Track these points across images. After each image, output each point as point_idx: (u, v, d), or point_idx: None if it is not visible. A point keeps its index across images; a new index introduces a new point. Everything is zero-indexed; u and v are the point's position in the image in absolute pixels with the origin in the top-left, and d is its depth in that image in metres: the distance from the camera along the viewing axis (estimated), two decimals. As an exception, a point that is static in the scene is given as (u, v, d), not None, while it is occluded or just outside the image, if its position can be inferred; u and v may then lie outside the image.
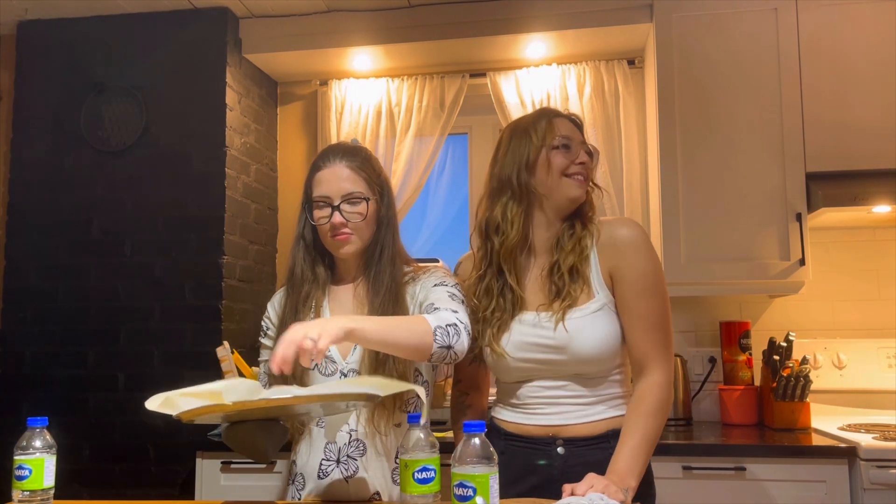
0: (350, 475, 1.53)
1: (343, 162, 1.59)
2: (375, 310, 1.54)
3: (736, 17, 2.69)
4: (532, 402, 1.59)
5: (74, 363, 2.88)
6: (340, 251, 1.59)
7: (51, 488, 1.36)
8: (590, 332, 1.51)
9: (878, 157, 2.54)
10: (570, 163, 1.58)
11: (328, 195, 1.57)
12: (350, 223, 1.56)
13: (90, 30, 3.04)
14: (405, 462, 1.23)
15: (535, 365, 1.56)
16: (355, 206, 1.57)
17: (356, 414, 1.55)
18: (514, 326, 1.57)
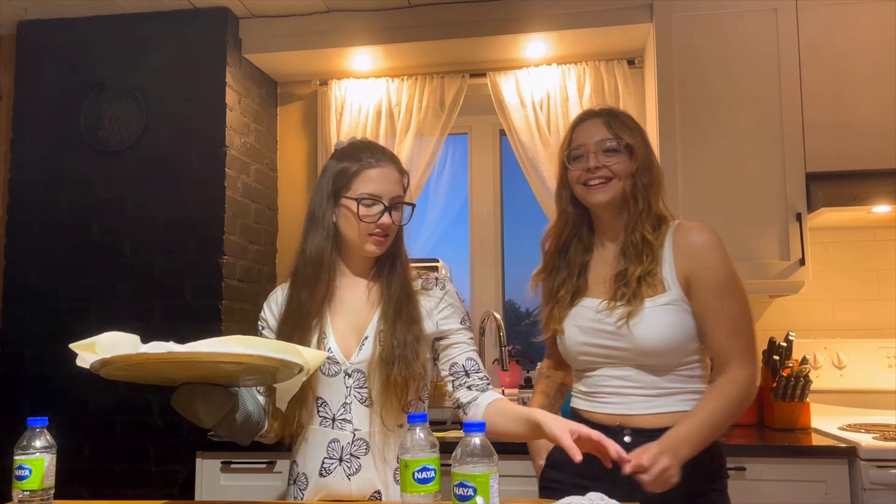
0: (352, 473, 1.53)
1: (392, 166, 1.61)
2: (396, 308, 1.57)
3: (736, 17, 2.69)
4: (599, 390, 1.63)
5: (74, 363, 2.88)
6: (374, 249, 1.59)
7: (51, 488, 1.36)
8: (653, 323, 1.54)
9: (878, 157, 2.54)
10: (581, 172, 1.61)
11: (379, 195, 1.57)
12: (392, 226, 1.59)
13: (90, 30, 3.04)
14: (405, 462, 1.23)
15: (598, 349, 1.60)
16: (398, 210, 1.60)
17: (359, 413, 1.55)
18: (578, 311, 1.64)
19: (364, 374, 1.56)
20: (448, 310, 1.62)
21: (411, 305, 1.58)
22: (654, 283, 1.56)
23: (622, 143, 1.60)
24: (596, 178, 1.60)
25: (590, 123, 1.65)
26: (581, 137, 1.65)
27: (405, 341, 1.53)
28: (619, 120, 1.64)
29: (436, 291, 1.63)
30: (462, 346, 1.61)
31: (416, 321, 1.57)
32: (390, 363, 1.52)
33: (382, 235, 1.58)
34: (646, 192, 1.60)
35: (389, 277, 1.61)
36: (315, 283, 1.59)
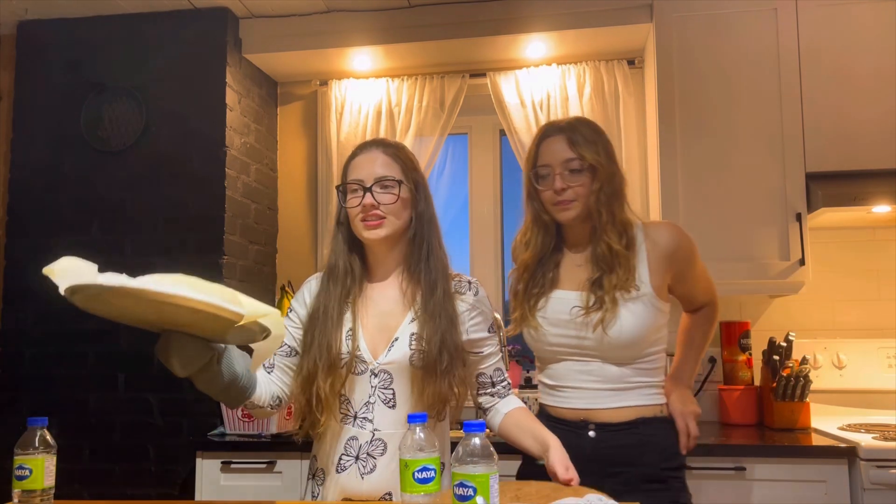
0: (367, 473, 1.53)
1: (379, 149, 1.61)
2: (433, 312, 1.54)
3: (736, 17, 2.69)
4: (563, 383, 1.73)
5: (74, 363, 2.89)
6: (369, 235, 1.56)
7: (51, 488, 1.36)
8: (624, 321, 1.64)
9: (877, 157, 2.54)
10: (551, 193, 1.71)
11: (361, 178, 1.57)
12: (382, 206, 1.55)
13: (90, 30, 3.04)
14: (405, 462, 1.23)
15: (568, 340, 1.70)
16: (388, 189, 1.56)
17: (381, 414, 1.54)
18: (551, 303, 1.73)
19: (390, 376, 1.55)
20: (479, 317, 1.62)
21: (450, 308, 1.56)
22: (626, 286, 1.66)
23: (585, 163, 1.68)
24: (562, 202, 1.70)
25: (554, 140, 1.73)
26: (546, 157, 1.72)
27: (445, 351, 1.52)
28: (581, 136, 1.71)
29: (468, 296, 1.62)
30: (491, 358, 1.65)
31: (454, 326, 1.55)
32: (429, 371, 1.51)
33: (371, 218, 1.55)
34: (609, 204, 1.69)
35: (422, 273, 1.57)
36: (336, 282, 1.60)
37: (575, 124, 1.75)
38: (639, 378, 1.70)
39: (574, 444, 1.60)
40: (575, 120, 1.79)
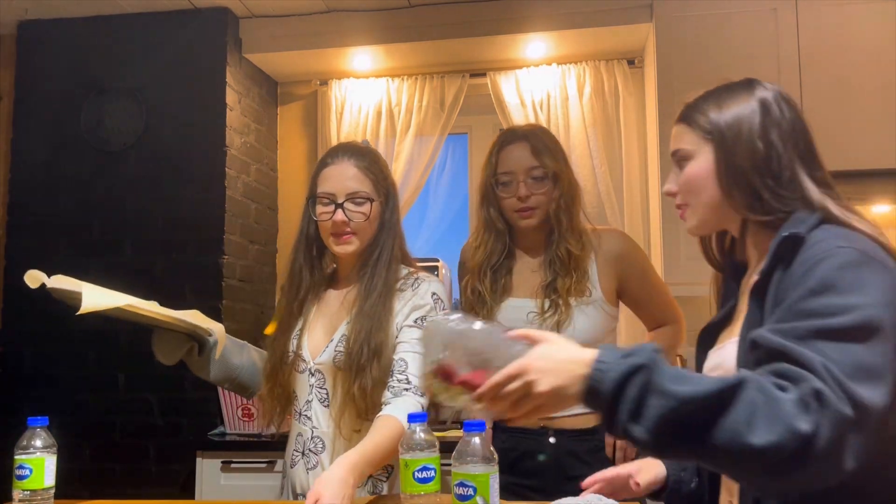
0: (311, 468, 1.57)
1: (351, 160, 1.59)
2: (364, 313, 1.53)
3: (736, 17, 2.69)
4: None
5: (74, 363, 2.88)
6: (339, 250, 1.59)
7: (51, 488, 1.37)
8: (579, 324, 1.67)
9: (878, 157, 2.54)
10: (514, 200, 1.74)
11: (333, 192, 1.57)
12: (352, 223, 1.56)
13: (90, 30, 3.04)
14: (405, 461, 1.23)
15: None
16: (359, 206, 1.56)
17: (318, 412, 1.57)
18: (505, 311, 1.75)
19: (324, 376, 1.58)
20: (407, 309, 1.56)
21: (386, 302, 1.54)
22: (580, 290, 1.70)
23: (548, 171, 1.73)
24: (524, 209, 1.73)
25: (515, 147, 1.76)
26: (509, 163, 1.75)
27: (365, 350, 1.50)
28: (543, 144, 1.75)
29: (407, 293, 1.57)
30: (402, 346, 1.53)
31: (381, 328, 1.52)
32: (348, 371, 1.51)
33: (342, 234, 1.56)
34: (568, 210, 1.74)
35: (369, 276, 1.57)
36: (296, 286, 1.64)
37: (536, 131, 1.80)
38: None
39: (533, 451, 1.65)
40: (535, 127, 1.88)
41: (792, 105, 1.17)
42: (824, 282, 0.95)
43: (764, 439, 0.84)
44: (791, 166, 1.12)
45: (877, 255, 0.99)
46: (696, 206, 1.18)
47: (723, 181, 1.13)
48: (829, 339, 0.90)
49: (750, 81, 1.19)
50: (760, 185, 1.10)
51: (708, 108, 1.17)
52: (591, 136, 3.01)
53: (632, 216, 3.01)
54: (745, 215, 1.15)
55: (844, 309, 0.92)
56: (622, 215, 3.01)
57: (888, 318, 0.93)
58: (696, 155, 1.16)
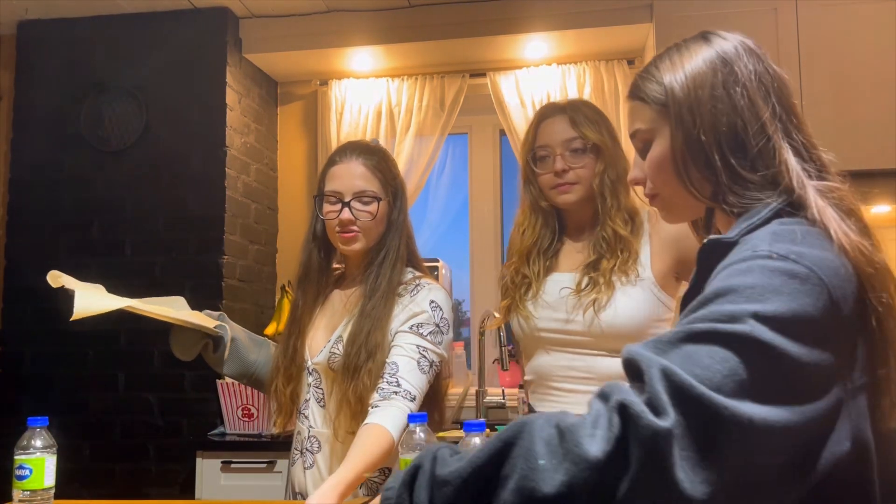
0: (308, 467, 1.58)
1: (360, 159, 1.58)
2: (365, 314, 1.53)
3: (736, 17, 2.69)
4: (548, 382, 1.60)
5: (74, 363, 2.88)
6: (345, 248, 1.59)
7: (51, 488, 1.36)
8: (619, 305, 1.52)
9: (878, 157, 2.53)
10: (550, 176, 1.60)
11: (340, 190, 1.56)
12: (359, 221, 1.55)
13: (90, 30, 3.04)
14: (405, 462, 1.23)
15: (557, 325, 1.57)
16: (366, 205, 1.56)
17: (314, 411, 1.59)
18: (545, 286, 1.60)
19: (320, 376, 1.59)
20: (404, 315, 1.54)
21: (382, 309, 1.53)
22: (626, 271, 1.54)
23: (588, 142, 1.58)
24: (562, 184, 1.59)
25: (554, 120, 1.62)
26: (545, 136, 1.62)
27: (362, 352, 1.50)
28: (583, 115, 1.60)
29: (405, 299, 1.56)
30: (394, 350, 1.51)
31: (379, 328, 1.51)
32: (345, 373, 1.51)
33: (347, 232, 1.56)
34: (614, 188, 1.58)
35: (374, 276, 1.57)
36: (307, 285, 1.64)
37: (576, 103, 1.65)
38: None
39: None
40: (575, 99, 1.71)
41: (760, 56, 0.97)
42: (722, 287, 0.77)
43: (553, 483, 0.66)
44: (764, 133, 0.91)
45: (803, 258, 0.78)
46: (665, 195, 1.01)
47: (679, 163, 0.94)
48: (697, 341, 0.73)
49: (705, 34, 1.00)
50: (718, 165, 0.91)
51: (659, 73, 0.97)
52: (591, 136, 3.01)
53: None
54: (709, 204, 0.97)
55: (733, 317, 0.73)
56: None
57: (793, 346, 0.72)
58: (657, 134, 0.97)
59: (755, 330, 0.72)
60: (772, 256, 0.78)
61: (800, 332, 0.73)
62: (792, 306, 0.74)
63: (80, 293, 1.37)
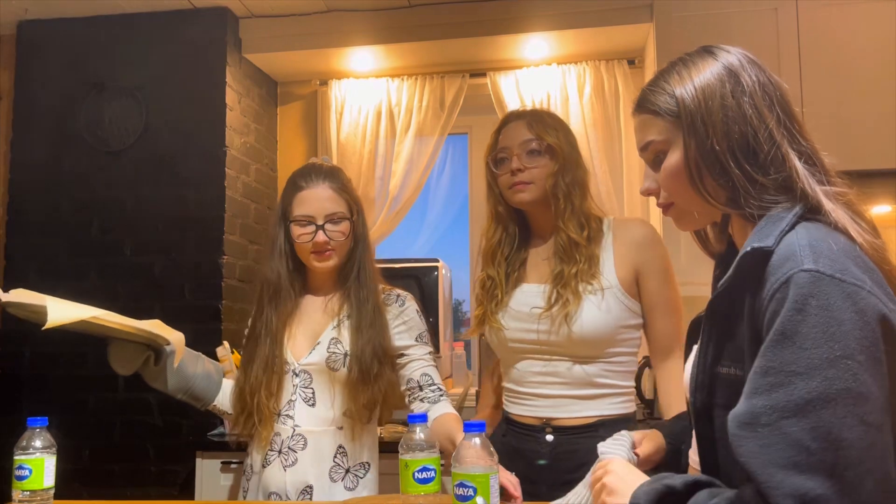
0: (288, 465, 1.62)
1: (325, 183, 1.69)
2: (368, 325, 1.65)
3: (736, 17, 2.69)
4: (525, 388, 1.65)
5: (74, 363, 2.88)
6: (319, 266, 1.69)
7: (51, 488, 1.36)
8: (586, 313, 1.57)
9: (878, 157, 2.54)
10: (507, 175, 1.66)
11: (312, 215, 1.66)
12: (332, 241, 1.67)
13: (90, 30, 3.04)
14: (405, 462, 1.23)
15: (529, 335, 1.63)
16: (337, 225, 1.68)
17: (301, 411, 1.64)
18: (515, 297, 1.67)
19: (310, 376, 1.66)
20: (402, 327, 1.70)
21: (381, 319, 1.67)
22: (590, 279, 1.59)
23: (543, 143, 1.64)
24: (518, 183, 1.64)
25: (513, 125, 1.69)
26: (505, 140, 1.69)
27: (376, 362, 1.63)
28: (541, 121, 1.68)
29: (393, 308, 1.71)
30: (417, 363, 1.69)
31: (385, 336, 1.67)
32: (362, 380, 1.61)
33: (323, 252, 1.67)
34: (568, 191, 1.63)
35: (356, 289, 1.69)
36: (278, 302, 1.70)
37: (538, 111, 1.74)
38: (606, 380, 1.61)
39: (531, 450, 1.59)
40: (538, 109, 1.80)
41: (762, 67, 1.02)
42: (784, 328, 0.84)
43: None
44: (771, 139, 0.96)
45: (844, 272, 0.86)
46: (681, 204, 1.05)
47: (694, 172, 0.99)
48: (800, 415, 0.81)
49: (707, 48, 1.05)
50: (734, 172, 0.96)
51: (668, 85, 1.02)
52: (591, 136, 3.01)
53: (631, 216, 3.01)
54: (724, 210, 1.02)
55: (804, 372, 0.82)
56: (622, 215, 3.01)
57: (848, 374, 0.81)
58: (671, 145, 1.02)
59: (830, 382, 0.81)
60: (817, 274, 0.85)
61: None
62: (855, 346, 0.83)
63: (52, 303, 1.35)
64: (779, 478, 0.79)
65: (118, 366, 1.58)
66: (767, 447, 0.81)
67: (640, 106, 1.07)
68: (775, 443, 0.81)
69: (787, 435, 0.80)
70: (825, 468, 0.78)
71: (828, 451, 0.79)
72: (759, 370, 0.85)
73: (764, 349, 0.86)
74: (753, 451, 0.82)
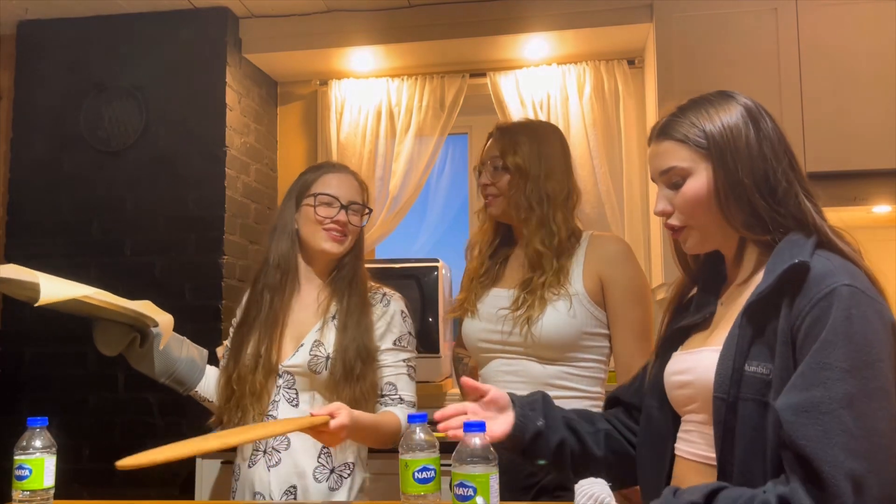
0: (272, 465, 1.62)
1: (351, 175, 1.76)
2: (341, 324, 1.65)
3: (736, 17, 2.69)
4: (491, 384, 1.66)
5: (74, 363, 2.88)
6: (331, 248, 1.68)
7: (51, 488, 1.36)
8: (549, 317, 1.62)
9: (878, 157, 2.54)
10: (481, 185, 1.78)
11: (338, 195, 1.68)
12: (349, 226, 1.69)
13: (90, 30, 3.04)
14: (405, 462, 1.23)
15: (495, 336, 1.69)
16: (356, 213, 1.71)
17: (285, 412, 1.63)
18: (488, 298, 1.75)
19: (293, 377, 1.65)
20: (382, 329, 1.69)
21: (367, 320, 1.66)
22: (557, 287, 1.65)
23: (505, 161, 1.72)
24: (487, 194, 1.76)
25: (492, 140, 1.79)
26: (484, 153, 1.80)
27: (358, 363, 1.61)
28: (509, 139, 1.74)
29: (378, 308, 1.70)
30: (386, 370, 1.67)
31: (371, 338, 1.65)
32: (345, 381, 1.60)
33: (339, 233, 1.68)
34: (530, 205, 1.68)
35: (343, 288, 1.69)
36: (282, 287, 1.69)
37: (511, 128, 1.80)
38: (568, 383, 1.65)
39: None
40: (517, 123, 1.87)
41: (770, 114, 1.16)
42: (836, 331, 0.99)
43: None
44: (786, 179, 1.11)
45: (870, 290, 1.05)
46: (698, 226, 1.16)
47: (721, 199, 1.12)
48: (850, 406, 0.95)
49: (724, 92, 1.18)
50: (759, 203, 1.10)
51: (696, 120, 1.14)
52: (591, 136, 3.01)
53: (632, 216, 3.01)
54: (742, 234, 1.14)
55: (851, 369, 0.97)
56: (622, 215, 3.01)
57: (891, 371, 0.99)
58: (694, 172, 1.14)
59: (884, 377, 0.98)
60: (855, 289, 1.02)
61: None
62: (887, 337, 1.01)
63: (45, 280, 1.35)
64: (840, 459, 0.92)
65: (103, 346, 1.57)
66: (828, 432, 0.94)
67: (665, 134, 1.17)
68: (833, 428, 0.94)
69: (843, 422, 0.94)
70: (864, 452, 0.93)
71: (867, 438, 0.93)
72: (815, 365, 0.98)
73: (817, 349, 0.98)
74: (815, 436, 0.94)
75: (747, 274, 1.17)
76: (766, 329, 1.06)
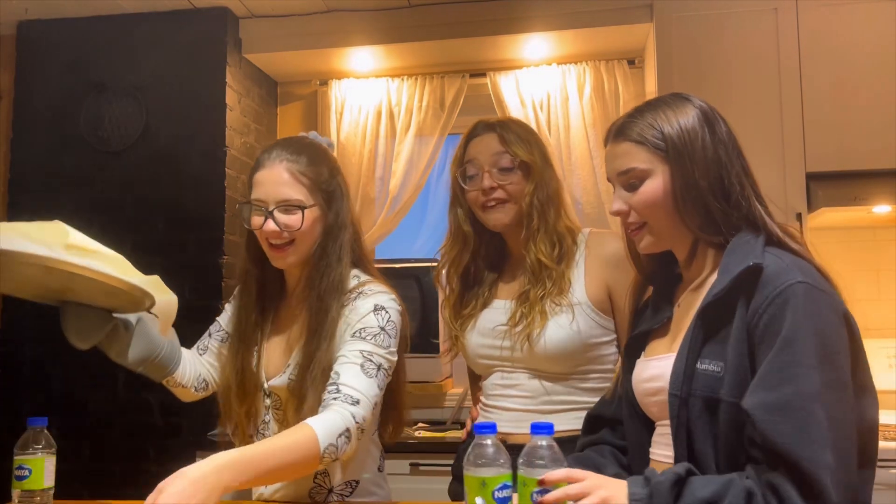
0: (268, 487, 1.54)
1: (283, 163, 1.44)
2: (318, 336, 1.43)
3: (736, 16, 2.69)
4: (491, 403, 1.61)
5: (74, 363, 2.88)
6: (276, 264, 1.48)
7: (51, 488, 1.37)
8: (551, 332, 1.52)
9: (878, 157, 2.54)
10: (478, 193, 1.59)
11: (263, 199, 1.43)
12: (286, 230, 1.43)
13: (90, 30, 3.04)
14: (482, 479, 1.01)
15: (494, 350, 1.59)
16: (290, 214, 1.43)
17: (275, 432, 1.50)
18: (484, 313, 1.62)
19: (279, 398, 1.50)
20: (343, 325, 1.43)
21: (335, 330, 1.42)
22: (558, 298, 1.53)
23: (517, 160, 1.56)
24: (492, 200, 1.57)
25: (483, 138, 1.60)
26: (474, 153, 1.60)
27: (319, 374, 1.40)
28: (513, 133, 1.58)
29: (347, 308, 1.45)
30: (338, 360, 1.39)
31: (330, 349, 1.41)
32: (299, 395, 1.41)
33: (275, 247, 1.44)
34: (543, 209, 1.56)
35: (318, 294, 1.44)
36: (250, 298, 1.54)
37: (506, 122, 1.64)
38: (570, 398, 1.55)
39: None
40: (506, 118, 1.71)
41: (723, 118, 1.19)
42: (796, 328, 1.00)
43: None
44: (739, 182, 1.14)
45: (822, 285, 1.07)
46: (655, 226, 1.18)
47: (679, 201, 1.14)
48: (819, 400, 0.96)
49: (679, 95, 1.20)
50: (714, 205, 1.12)
51: (654, 122, 1.15)
52: (591, 136, 3.01)
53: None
54: (697, 235, 1.16)
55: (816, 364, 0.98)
56: (622, 215, 3.00)
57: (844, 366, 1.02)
58: (652, 174, 1.15)
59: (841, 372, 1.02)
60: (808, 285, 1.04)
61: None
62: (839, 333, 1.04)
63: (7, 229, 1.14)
64: (819, 453, 0.94)
65: (75, 336, 1.32)
66: (803, 428, 0.95)
67: (623, 135, 1.17)
68: (808, 423, 0.95)
69: (817, 417, 0.95)
70: (833, 444, 0.95)
71: (832, 429, 0.95)
72: (779, 364, 0.99)
73: (780, 347, 1.00)
74: (789, 432, 0.95)
75: (701, 274, 1.18)
76: (720, 329, 1.08)
